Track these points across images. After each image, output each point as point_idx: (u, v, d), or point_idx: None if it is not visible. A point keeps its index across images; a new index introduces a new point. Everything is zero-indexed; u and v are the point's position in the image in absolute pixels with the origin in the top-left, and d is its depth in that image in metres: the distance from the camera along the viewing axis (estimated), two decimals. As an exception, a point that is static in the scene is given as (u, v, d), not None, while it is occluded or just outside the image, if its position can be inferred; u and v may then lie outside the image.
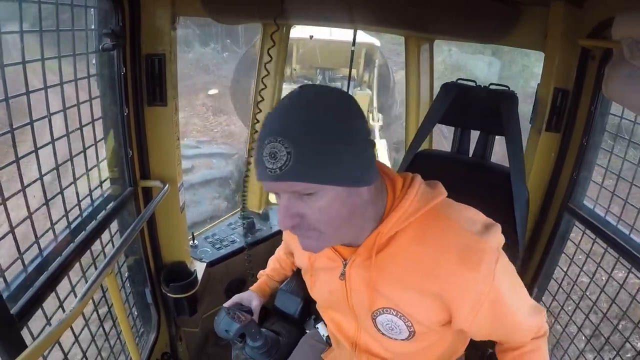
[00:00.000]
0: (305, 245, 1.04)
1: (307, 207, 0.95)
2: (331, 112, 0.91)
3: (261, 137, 0.92)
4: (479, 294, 1.01)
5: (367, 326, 1.22)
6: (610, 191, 2.09)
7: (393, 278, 1.09)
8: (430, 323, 1.11)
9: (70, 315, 1.35)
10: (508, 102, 1.72)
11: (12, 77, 1.30)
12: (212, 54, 17.43)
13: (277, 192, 0.97)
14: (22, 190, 1.38)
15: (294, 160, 0.88)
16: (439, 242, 1.04)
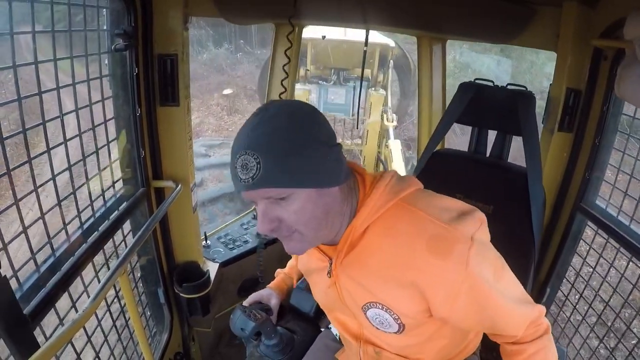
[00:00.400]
0: (289, 248, 1.10)
1: (283, 210, 1.01)
2: (294, 123, 0.98)
3: (233, 151, 1.00)
4: (452, 282, 1.02)
5: (363, 322, 1.24)
6: (623, 191, 2.09)
7: (373, 271, 1.12)
8: (414, 314, 1.12)
9: (82, 315, 1.35)
10: (526, 103, 1.71)
11: (27, 78, 1.31)
12: (226, 54, 17.63)
13: (253, 200, 1.02)
14: (34, 191, 1.38)
15: (263, 169, 0.95)
16: (407, 232, 1.06)
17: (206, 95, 14.90)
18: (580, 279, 2.43)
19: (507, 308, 1.13)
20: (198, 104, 14.44)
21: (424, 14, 2.34)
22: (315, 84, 7.60)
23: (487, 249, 1.09)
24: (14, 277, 1.30)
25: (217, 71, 16.51)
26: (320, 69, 8.11)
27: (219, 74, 16.38)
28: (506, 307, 1.12)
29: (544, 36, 2.17)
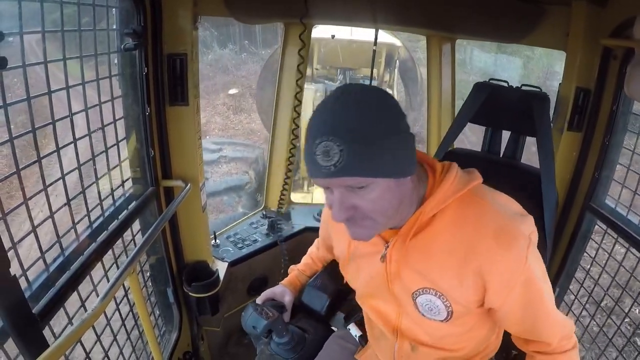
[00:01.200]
0: (356, 234, 1.10)
1: (360, 199, 1.01)
2: (376, 110, 0.97)
3: (311, 136, 0.97)
4: (512, 272, 1.07)
5: (408, 309, 1.24)
6: (632, 190, 2.07)
7: (432, 258, 1.14)
8: (467, 302, 1.15)
9: (92, 314, 1.35)
10: (540, 104, 1.70)
11: (31, 82, 1.31)
12: (231, 54, 17.82)
13: (329, 187, 1.02)
14: (44, 190, 1.38)
15: (346, 158, 0.93)
16: (476, 222, 1.10)
17: (212, 95, 15.07)
18: (589, 278, 2.40)
19: (549, 310, 1.18)
20: (204, 103, 14.52)
21: (433, 13, 2.34)
22: (322, 83, 7.57)
23: (538, 252, 1.12)
24: (23, 277, 1.31)
25: (222, 71, 16.71)
26: (327, 69, 8.08)
27: (224, 74, 16.58)
28: (548, 309, 1.17)
29: (554, 35, 2.16)
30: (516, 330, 1.26)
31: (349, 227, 1.09)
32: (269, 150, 3.09)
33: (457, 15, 2.33)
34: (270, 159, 3.09)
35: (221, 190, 8.19)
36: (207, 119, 13.73)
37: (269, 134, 3.10)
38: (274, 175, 3.11)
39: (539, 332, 1.21)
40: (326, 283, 1.70)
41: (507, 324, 1.24)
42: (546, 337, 1.21)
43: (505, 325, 1.26)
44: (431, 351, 1.32)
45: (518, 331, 1.26)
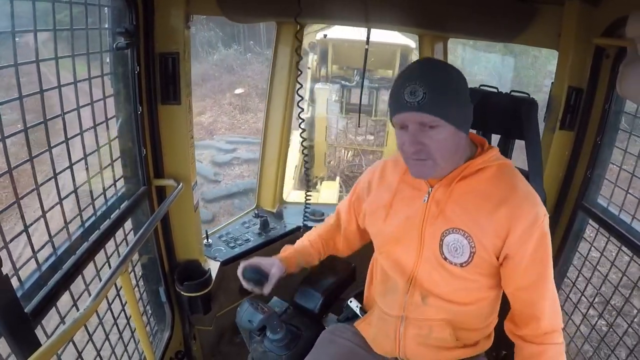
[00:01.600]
0: (417, 171, 1.34)
1: (429, 138, 1.26)
2: (451, 75, 1.28)
3: (400, 82, 1.26)
4: (532, 224, 1.30)
5: (431, 252, 1.41)
6: (624, 189, 2.09)
7: (470, 202, 1.36)
8: (490, 246, 1.33)
9: (84, 313, 1.34)
10: (528, 108, 1.74)
11: (45, 77, 1.32)
12: (236, 55, 17.88)
13: (407, 123, 1.26)
14: (36, 189, 1.38)
15: (428, 98, 1.21)
16: (511, 182, 1.36)
17: (218, 95, 15.20)
18: (581, 277, 2.43)
19: (549, 282, 1.38)
20: (211, 103, 14.75)
21: (425, 12, 2.35)
22: (338, 84, 7.54)
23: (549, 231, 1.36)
24: (15, 276, 1.30)
25: (227, 71, 16.80)
26: (344, 69, 8.04)
27: (230, 74, 16.66)
28: (548, 281, 1.38)
29: (546, 34, 2.18)
30: (517, 287, 1.39)
31: (413, 165, 1.32)
32: (261, 149, 3.08)
33: (449, 14, 2.34)
34: (262, 158, 3.09)
35: (233, 194, 8.30)
36: (214, 118, 13.92)
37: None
38: (265, 173, 3.11)
39: (534, 298, 1.37)
40: (320, 282, 1.72)
41: (514, 276, 1.37)
42: (539, 309, 1.37)
43: (512, 278, 1.38)
44: (441, 303, 1.44)
45: (519, 293, 1.39)
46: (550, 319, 1.38)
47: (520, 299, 1.41)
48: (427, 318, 1.47)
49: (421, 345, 1.50)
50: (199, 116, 13.78)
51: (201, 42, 17.45)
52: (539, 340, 1.38)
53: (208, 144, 11.26)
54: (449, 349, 1.50)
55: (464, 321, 1.48)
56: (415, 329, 1.49)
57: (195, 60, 16.60)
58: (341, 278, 1.77)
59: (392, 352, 1.56)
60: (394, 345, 1.53)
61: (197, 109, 13.85)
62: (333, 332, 1.68)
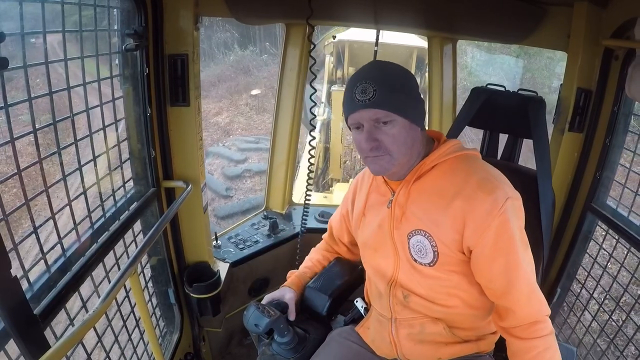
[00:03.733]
0: (375, 167, 1.35)
1: (384, 134, 1.29)
2: (399, 72, 1.33)
3: (352, 81, 1.30)
4: (487, 213, 1.27)
5: (404, 255, 1.42)
6: (634, 191, 2.08)
7: (426, 200, 1.37)
8: (450, 241, 1.33)
9: (93, 315, 1.34)
10: (536, 107, 1.72)
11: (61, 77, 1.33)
12: (252, 56, 18.27)
13: (361, 122, 1.29)
14: (45, 191, 1.38)
15: (378, 95, 1.25)
16: (466, 172, 1.34)
17: (235, 96, 15.60)
18: (590, 279, 2.40)
19: (524, 271, 1.32)
20: (227, 104, 15.15)
21: (435, 14, 2.34)
22: None
23: (519, 212, 1.32)
24: (25, 278, 1.30)
25: (244, 73, 17.23)
26: None
27: (246, 76, 17.08)
28: (523, 269, 1.32)
29: (555, 36, 2.18)
30: (486, 279, 1.36)
31: (371, 162, 1.34)
32: (270, 152, 3.08)
33: (459, 16, 2.33)
34: (271, 160, 3.09)
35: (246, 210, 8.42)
36: (231, 119, 14.31)
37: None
38: (275, 176, 3.11)
39: (505, 290, 1.33)
40: (327, 284, 1.71)
41: (480, 271, 1.35)
42: (511, 301, 1.33)
43: (479, 271, 1.36)
44: (424, 302, 1.44)
45: (490, 285, 1.36)
46: (529, 309, 1.34)
47: (492, 291, 1.38)
48: (415, 316, 1.47)
49: (417, 344, 1.49)
50: (215, 116, 14.21)
51: (217, 43, 18.05)
52: (524, 334, 1.34)
53: (218, 152, 11.28)
54: (447, 344, 1.48)
55: (455, 320, 1.47)
56: (407, 328, 1.49)
57: (212, 61, 17.59)
58: (349, 280, 1.75)
59: (391, 354, 1.55)
60: (390, 347, 1.54)
61: (214, 110, 14.46)
62: (340, 334, 1.67)
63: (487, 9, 2.20)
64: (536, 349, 1.32)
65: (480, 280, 1.38)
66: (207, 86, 16.25)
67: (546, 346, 1.32)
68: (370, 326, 1.61)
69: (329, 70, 7.49)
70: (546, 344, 1.32)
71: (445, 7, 2.28)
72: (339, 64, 7.42)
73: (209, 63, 18.12)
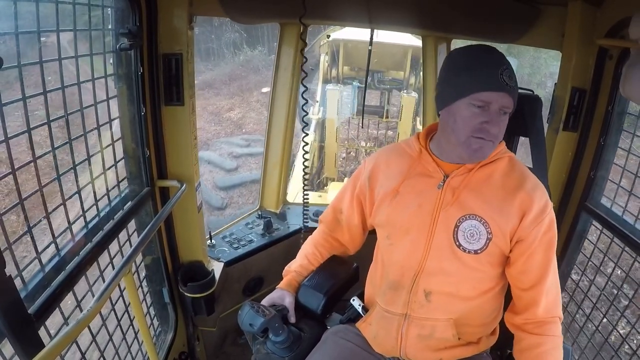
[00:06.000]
0: (478, 150, 1.38)
1: (502, 122, 1.37)
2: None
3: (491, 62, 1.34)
4: (542, 210, 1.41)
5: (443, 240, 1.44)
6: (628, 190, 2.10)
7: (485, 190, 1.44)
8: (505, 229, 1.40)
9: (87, 314, 1.34)
10: (532, 105, 1.74)
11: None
12: (260, 56, 18.74)
13: (494, 103, 1.33)
14: (39, 190, 1.38)
15: (514, 86, 1.35)
16: (522, 174, 1.47)
17: (246, 93, 16.22)
18: (585, 278, 2.42)
19: (554, 269, 1.45)
20: (239, 100, 15.77)
21: (429, 13, 2.35)
22: (350, 84, 7.52)
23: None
24: (19, 277, 1.30)
25: (253, 72, 17.90)
26: (355, 71, 8.01)
27: (256, 74, 17.66)
28: (553, 267, 1.45)
29: (549, 36, 2.19)
30: (522, 270, 1.44)
31: (476, 143, 1.36)
32: (264, 151, 3.08)
33: (453, 15, 2.34)
34: (265, 159, 3.09)
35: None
36: (243, 114, 14.85)
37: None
38: (269, 175, 3.11)
39: (536, 281, 1.42)
40: (322, 282, 1.71)
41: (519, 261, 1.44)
42: (539, 293, 1.42)
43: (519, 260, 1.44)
44: (445, 299, 1.47)
45: (522, 276, 1.45)
46: (550, 306, 1.43)
47: (522, 282, 1.46)
48: (431, 317, 1.48)
49: (423, 345, 1.50)
50: (228, 112, 14.96)
51: (227, 43, 18.81)
52: (537, 330, 1.42)
53: (209, 158, 11.27)
54: (450, 348, 1.51)
55: (468, 317, 1.49)
56: (418, 329, 1.49)
57: (222, 61, 18.60)
58: (344, 278, 1.76)
59: (393, 351, 1.55)
60: (395, 343, 1.53)
61: (227, 106, 15.31)
62: (335, 333, 1.67)
63: (481, 8, 2.22)
64: (544, 345, 1.41)
65: (513, 271, 1.47)
66: (219, 84, 17.10)
67: (554, 346, 1.42)
68: (373, 322, 1.60)
69: (324, 70, 7.48)
70: (554, 344, 1.42)
71: (439, 7, 2.29)
72: (334, 63, 7.42)
73: (219, 62, 18.90)
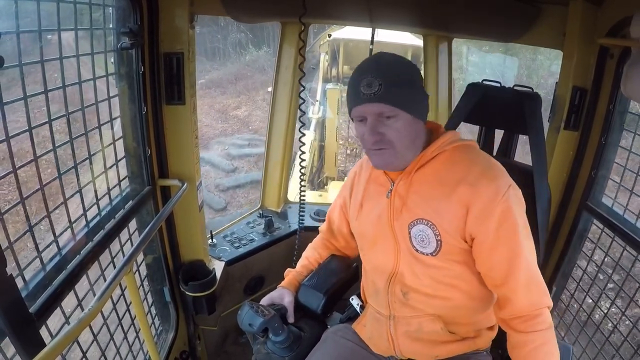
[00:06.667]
0: (378, 161, 1.38)
1: (387, 127, 1.30)
2: (405, 66, 1.35)
3: (358, 74, 1.31)
4: (491, 199, 1.29)
5: (405, 245, 1.42)
6: (629, 189, 2.09)
7: (429, 189, 1.38)
8: (453, 230, 1.34)
9: (88, 314, 1.34)
10: (531, 103, 1.73)
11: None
12: (266, 56, 19.16)
13: (366, 115, 1.31)
14: (40, 189, 1.38)
15: (383, 90, 1.26)
16: (468, 161, 1.37)
17: (252, 92, 16.72)
18: (586, 277, 2.42)
19: (524, 260, 1.32)
20: (245, 99, 16.35)
21: (430, 13, 2.35)
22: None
23: (519, 203, 1.35)
24: (20, 276, 1.30)
25: (259, 71, 18.39)
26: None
27: (261, 74, 18.08)
28: (523, 258, 1.32)
29: (550, 35, 2.19)
30: (487, 267, 1.37)
31: (373, 155, 1.37)
32: (265, 150, 3.08)
33: (454, 14, 2.34)
34: (266, 158, 3.09)
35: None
36: (249, 112, 15.46)
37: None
38: (270, 174, 3.11)
39: (505, 278, 1.33)
40: (322, 282, 1.71)
41: (481, 259, 1.36)
42: (511, 290, 1.34)
43: (480, 259, 1.37)
44: (423, 298, 1.44)
45: (490, 273, 1.37)
46: (534, 299, 1.34)
47: (491, 280, 1.39)
48: (415, 314, 1.47)
49: (415, 341, 1.50)
50: (235, 110, 15.61)
51: (232, 43, 19.37)
52: (524, 327, 1.34)
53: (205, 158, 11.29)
54: (444, 343, 1.49)
55: (453, 315, 1.47)
56: (405, 326, 1.49)
57: (228, 60, 19.25)
58: (344, 278, 1.76)
59: (388, 351, 1.56)
60: (388, 344, 1.54)
61: (234, 104, 15.96)
62: (335, 332, 1.67)
63: (482, 7, 2.21)
64: (532, 343, 1.32)
65: (480, 269, 1.39)
66: (225, 83, 17.73)
67: (543, 341, 1.33)
68: (367, 323, 1.61)
69: (324, 69, 7.49)
70: (543, 339, 1.33)
71: (440, 6, 2.29)
72: (334, 62, 7.42)
73: (225, 62, 19.50)
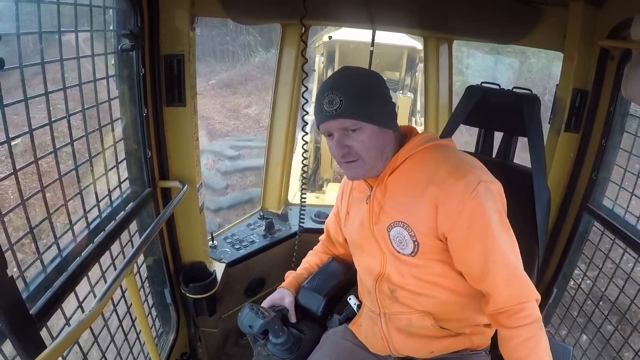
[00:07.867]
0: (350, 173, 1.42)
1: (353, 140, 1.34)
2: (365, 79, 1.38)
3: (320, 92, 1.35)
4: (459, 198, 1.28)
5: (387, 248, 1.44)
6: (630, 191, 2.09)
7: (401, 192, 1.40)
8: (427, 230, 1.35)
9: (89, 315, 1.35)
10: (530, 105, 1.74)
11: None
12: (274, 58, 18.83)
13: (331, 131, 1.35)
14: (41, 191, 1.38)
15: (344, 105, 1.29)
16: (438, 161, 1.37)
17: (262, 93, 17.04)
18: (586, 279, 2.41)
19: (501, 255, 1.31)
20: (256, 99, 16.87)
21: (430, 14, 2.35)
22: None
23: (493, 198, 1.32)
24: (21, 278, 1.30)
25: (268, 73, 18.65)
26: None
27: (270, 75, 18.06)
28: (500, 253, 1.31)
29: (551, 36, 2.19)
30: (465, 267, 1.37)
31: (345, 168, 1.40)
32: (266, 151, 3.08)
33: (454, 16, 2.34)
34: (267, 160, 3.09)
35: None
36: (260, 111, 15.90)
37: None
38: (271, 175, 3.11)
39: (483, 275, 1.33)
40: (322, 284, 1.72)
41: (457, 257, 1.36)
42: (490, 286, 1.33)
43: (457, 258, 1.37)
44: (410, 295, 1.45)
45: (469, 270, 1.37)
46: (509, 293, 1.32)
47: (470, 277, 1.38)
48: (404, 311, 1.48)
49: (408, 337, 1.50)
50: (246, 109, 16.26)
51: (241, 45, 19.91)
52: (509, 322, 1.32)
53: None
54: (438, 338, 1.49)
55: (442, 311, 1.47)
56: (395, 323, 1.51)
57: (237, 62, 19.92)
58: (343, 280, 1.76)
59: (384, 350, 1.56)
60: (382, 343, 1.55)
61: (244, 103, 16.64)
62: (335, 333, 1.68)
63: (482, 9, 2.22)
64: (518, 337, 1.31)
65: (458, 267, 1.39)
66: (236, 84, 18.25)
67: (528, 335, 1.31)
68: (363, 323, 1.63)
69: (320, 71, 7.47)
70: (528, 333, 1.31)
71: (440, 7, 2.29)
72: (330, 64, 7.41)
73: (234, 64, 20.03)
